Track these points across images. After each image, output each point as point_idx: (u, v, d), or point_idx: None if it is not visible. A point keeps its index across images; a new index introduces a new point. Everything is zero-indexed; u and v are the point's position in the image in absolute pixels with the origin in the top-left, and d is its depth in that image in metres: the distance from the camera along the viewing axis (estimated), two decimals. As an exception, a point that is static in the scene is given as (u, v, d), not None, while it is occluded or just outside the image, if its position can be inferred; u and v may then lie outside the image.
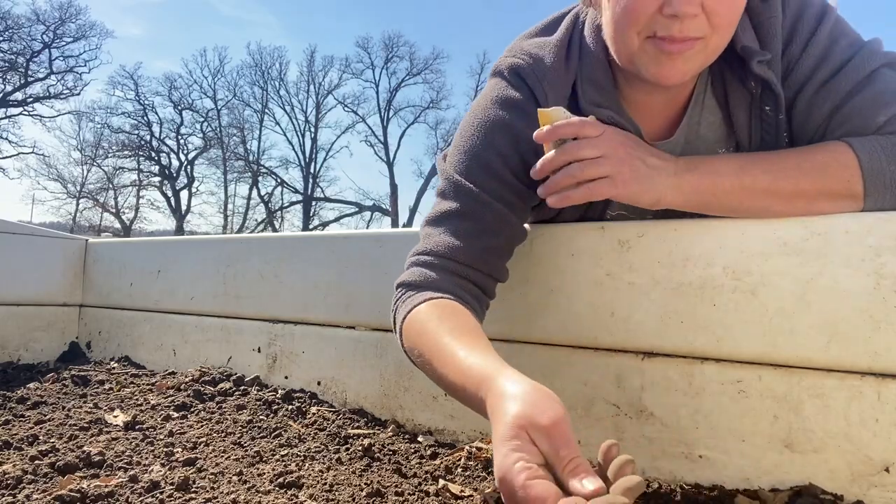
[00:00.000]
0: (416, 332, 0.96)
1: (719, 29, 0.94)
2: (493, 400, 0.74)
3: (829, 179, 0.95)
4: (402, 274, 1.09)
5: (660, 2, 0.91)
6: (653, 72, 0.98)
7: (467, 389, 0.81)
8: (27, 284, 2.19)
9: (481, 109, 1.12)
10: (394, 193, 32.04)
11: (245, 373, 1.74)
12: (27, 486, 0.95)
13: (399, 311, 1.04)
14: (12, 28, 26.18)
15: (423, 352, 0.93)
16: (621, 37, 0.98)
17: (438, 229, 1.07)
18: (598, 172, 0.97)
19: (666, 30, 0.92)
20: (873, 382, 0.91)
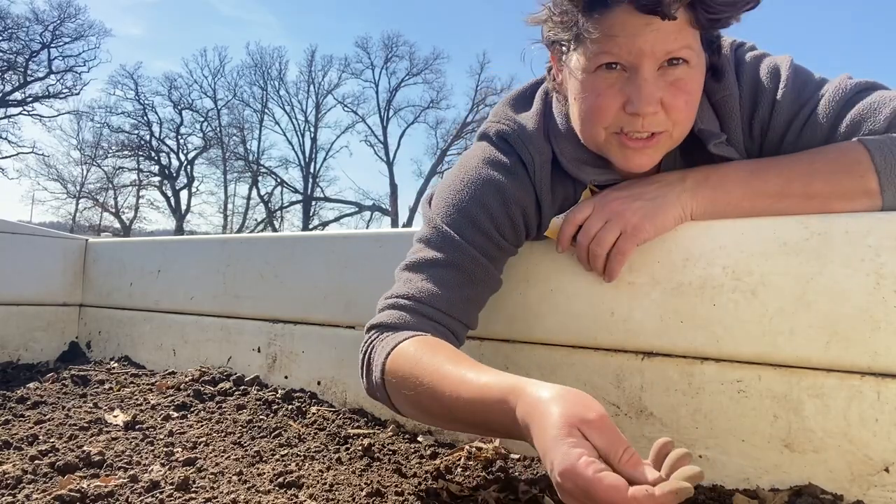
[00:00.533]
0: (409, 365, 0.94)
1: (679, 122, 1.00)
2: (528, 405, 0.74)
3: (842, 178, 0.95)
4: (374, 317, 1.09)
5: (622, 101, 0.97)
6: (621, 163, 1.04)
7: (488, 403, 0.80)
8: (27, 284, 2.19)
9: (472, 168, 1.14)
10: (393, 193, 32.06)
11: (245, 373, 1.74)
12: (27, 486, 0.95)
13: (377, 350, 1.03)
14: (11, 28, 26.16)
15: (421, 381, 0.91)
16: (589, 131, 1.04)
17: (419, 276, 1.08)
18: (612, 237, 1.04)
19: (631, 126, 0.99)
20: (873, 382, 0.91)
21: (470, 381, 0.84)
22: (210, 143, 31.91)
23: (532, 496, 0.97)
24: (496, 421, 0.80)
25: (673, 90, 0.95)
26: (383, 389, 1.01)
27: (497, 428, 0.83)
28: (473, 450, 1.18)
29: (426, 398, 0.91)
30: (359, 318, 1.54)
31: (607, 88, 0.97)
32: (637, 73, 0.94)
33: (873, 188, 0.93)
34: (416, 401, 0.94)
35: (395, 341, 0.99)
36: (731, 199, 1.01)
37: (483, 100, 31.90)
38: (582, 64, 0.98)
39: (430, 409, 0.93)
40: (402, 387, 0.95)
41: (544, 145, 1.12)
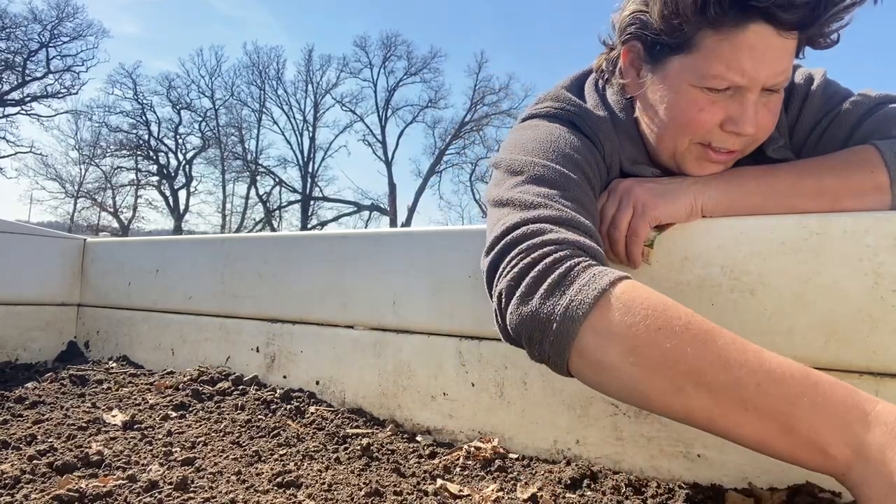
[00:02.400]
0: (659, 313, 0.71)
1: (760, 140, 1.01)
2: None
3: (853, 174, 0.96)
4: (532, 217, 0.86)
5: (722, 118, 0.96)
6: (694, 171, 1.04)
7: (815, 404, 0.63)
8: (25, 284, 2.19)
9: (551, 126, 1.07)
10: (392, 193, 32.03)
11: (243, 372, 1.73)
12: (25, 486, 0.95)
13: (583, 275, 0.76)
14: (9, 27, 26.12)
15: (693, 335, 0.68)
16: (672, 139, 1.02)
17: (557, 204, 0.90)
18: (626, 216, 1.01)
19: (721, 142, 0.99)
20: (871, 381, 0.91)
21: (780, 360, 0.66)
22: (208, 143, 31.91)
23: (532, 495, 0.97)
24: (811, 427, 0.63)
25: (765, 111, 0.97)
26: (579, 322, 0.74)
27: (795, 438, 0.63)
28: (472, 449, 1.18)
29: (693, 370, 0.67)
30: (357, 318, 1.54)
31: (710, 105, 0.96)
32: (745, 95, 0.94)
33: (884, 183, 0.95)
34: (677, 357, 0.68)
35: (612, 277, 0.76)
36: (742, 192, 1.01)
37: (481, 99, 31.93)
38: (686, 76, 0.95)
39: (698, 373, 0.67)
40: (652, 329, 0.70)
41: (614, 137, 1.09)
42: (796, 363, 0.66)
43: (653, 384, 0.70)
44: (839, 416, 0.62)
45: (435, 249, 1.41)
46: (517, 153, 1.02)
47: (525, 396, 1.24)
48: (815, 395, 0.63)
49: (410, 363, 1.43)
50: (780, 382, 0.64)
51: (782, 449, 0.65)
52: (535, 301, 0.78)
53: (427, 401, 1.39)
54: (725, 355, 0.66)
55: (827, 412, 0.62)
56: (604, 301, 0.73)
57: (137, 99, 30.78)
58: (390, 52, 32.47)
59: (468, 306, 1.34)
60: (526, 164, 0.97)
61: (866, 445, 0.60)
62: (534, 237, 0.82)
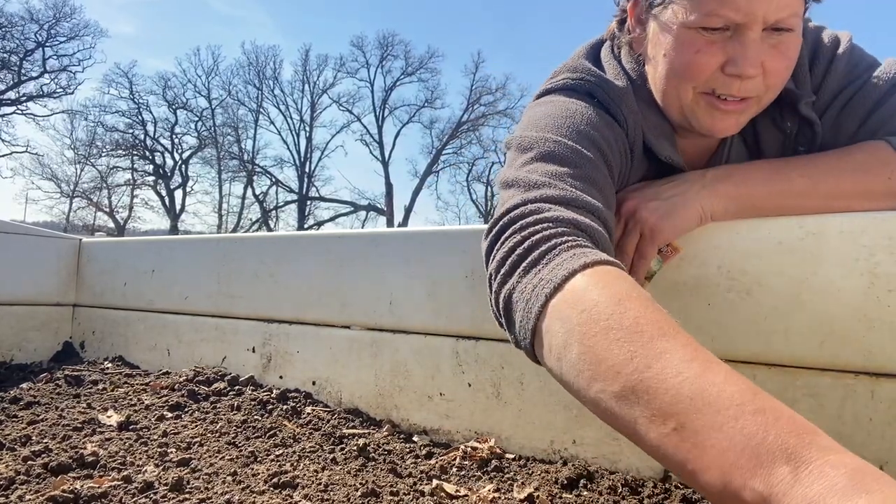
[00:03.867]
0: (609, 306, 0.63)
1: (774, 87, 0.96)
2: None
3: (868, 178, 0.94)
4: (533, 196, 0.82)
5: (722, 60, 0.92)
6: (707, 125, 0.99)
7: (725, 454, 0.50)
8: (20, 284, 2.18)
9: (569, 101, 1.02)
10: (389, 193, 32.03)
11: (240, 372, 1.73)
12: (20, 487, 0.95)
13: (562, 255, 0.72)
14: (6, 27, 26.05)
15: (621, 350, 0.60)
16: (675, 89, 0.98)
17: (562, 183, 0.86)
18: (633, 241, 0.99)
19: (725, 88, 0.94)
20: (867, 382, 0.91)
21: (725, 380, 0.55)
22: (205, 143, 31.87)
23: (528, 495, 0.97)
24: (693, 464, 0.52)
25: (775, 54, 0.92)
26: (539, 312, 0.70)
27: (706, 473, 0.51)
28: (469, 449, 1.17)
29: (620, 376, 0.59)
30: (354, 318, 1.54)
31: (708, 46, 0.92)
32: (744, 33, 0.89)
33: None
34: (606, 357, 0.61)
35: (595, 258, 0.70)
36: (753, 198, 0.98)
37: (478, 99, 31.97)
38: (681, 18, 0.92)
39: (627, 377, 0.58)
40: (594, 322, 0.63)
41: (636, 108, 1.03)
42: (745, 382, 0.55)
43: (588, 377, 0.62)
44: (767, 455, 0.47)
45: (432, 249, 1.41)
46: (529, 130, 0.98)
47: (522, 396, 1.24)
48: (750, 425, 0.50)
49: (407, 363, 1.43)
50: (712, 402, 0.52)
51: (700, 480, 0.52)
52: (513, 280, 0.75)
53: (424, 401, 1.39)
54: (666, 359, 0.57)
55: (754, 447, 0.48)
56: (568, 284, 0.68)
57: (133, 98, 30.77)
58: (387, 52, 32.51)
59: (465, 306, 1.33)
60: (536, 141, 0.93)
61: (789, 497, 0.45)
62: (530, 216, 0.79)
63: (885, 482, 0.43)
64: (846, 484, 0.42)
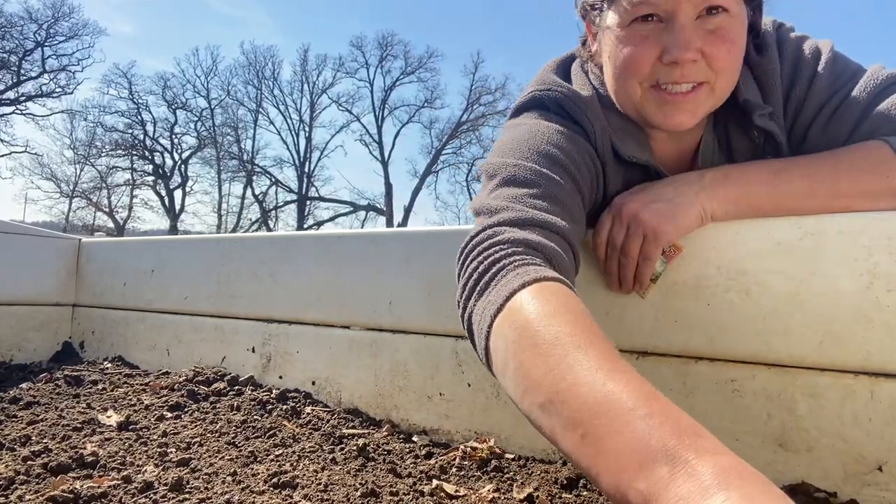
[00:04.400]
0: (536, 324, 0.66)
1: (722, 72, 0.96)
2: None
3: (867, 177, 0.94)
4: (491, 221, 0.86)
5: (659, 50, 0.94)
6: (660, 119, 1.00)
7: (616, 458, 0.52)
8: (20, 284, 2.18)
9: (533, 124, 1.06)
10: (388, 193, 32.02)
11: (239, 373, 1.73)
12: (20, 487, 0.95)
13: (507, 276, 0.75)
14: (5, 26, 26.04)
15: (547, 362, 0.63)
16: (623, 88, 1.00)
17: (522, 205, 0.89)
18: (637, 244, 1.00)
19: (668, 76, 0.95)
20: (866, 381, 0.92)
21: (625, 387, 0.56)
22: (204, 143, 31.87)
23: (528, 495, 0.97)
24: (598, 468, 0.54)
25: (713, 38, 0.92)
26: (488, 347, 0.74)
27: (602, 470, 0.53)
28: (468, 449, 1.18)
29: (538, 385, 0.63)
30: (353, 318, 1.54)
31: (642, 40, 0.94)
32: (674, 20, 0.92)
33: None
34: (529, 373, 0.65)
35: (533, 276, 0.72)
36: (753, 199, 0.98)
37: (477, 99, 31.96)
38: (616, 20, 0.96)
39: (545, 392, 0.62)
40: (524, 339, 0.67)
41: (601, 114, 1.06)
42: (645, 387, 0.56)
43: (521, 394, 0.65)
44: (649, 458, 0.49)
45: (431, 249, 1.41)
46: (496, 156, 1.02)
47: (521, 396, 1.24)
48: (640, 429, 0.51)
49: (407, 363, 1.43)
50: (609, 409, 0.54)
51: (603, 484, 0.53)
52: (472, 303, 0.79)
53: (423, 401, 1.39)
54: (576, 370, 0.59)
55: (640, 450, 0.50)
56: (509, 303, 0.71)
57: (133, 98, 30.76)
58: (387, 52, 32.50)
59: (464, 306, 1.33)
60: (500, 167, 0.98)
61: (662, 498, 0.46)
62: (487, 240, 0.83)
63: (750, 480, 0.45)
64: (711, 482, 0.45)
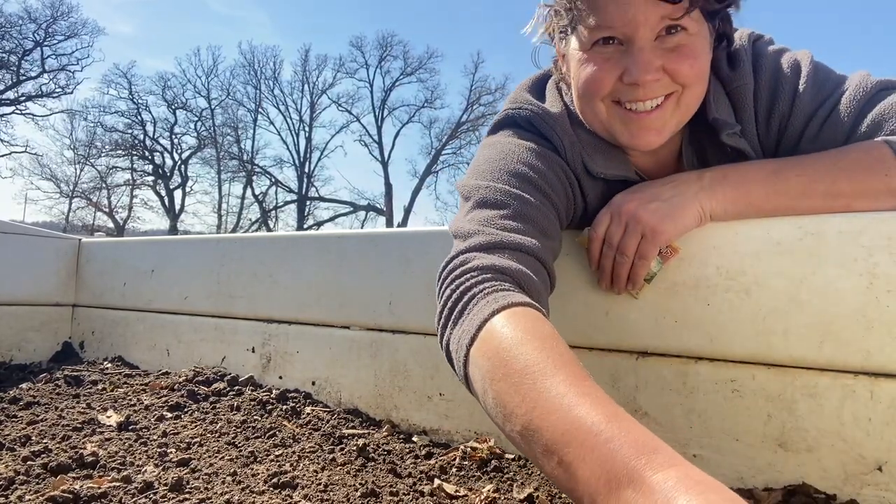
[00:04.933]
0: (505, 353, 0.69)
1: (689, 83, 0.96)
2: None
3: (866, 177, 0.93)
4: (464, 257, 0.88)
5: (620, 70, 0.95)
6: (626, 139, 1.01)
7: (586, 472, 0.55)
8: (20, 284, 2.18)
9: (506, 143, 1.09)
10: (388, 193, 32.03)
11: (239, 373, 1.73)
12: (19, 487, 0.95)
13: (478, 304, 0.78)
14: (4, 26, 26.04)
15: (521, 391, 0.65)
16: (588, 107, 1.02)
17: (494, 228, 0.92)
18: (634, 243, 1.00)
19: (629, 95, 0.96)
20: (866, 381, 0.92)
21: (591, 410, 0.58)
22: (204, 143, 31.87)
23: (528, 495, 0.97)
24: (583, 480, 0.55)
25: (674, 55, 0.94)
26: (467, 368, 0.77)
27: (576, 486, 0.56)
28: (468, 449, 1.18)
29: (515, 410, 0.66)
30: (353, 318, 1.54)
31: (603, 62, 0.96)
32: (632, 43, 0.93)
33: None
34: (505, 401, 0.67)
35: (502, 303, 0.75)
36: (751, 198, 0.98)
37: (477, 99, 31.97)
38: (578, 44, 0.99)
39: (518, 418, 0.64)
40: (497, 367, 0.70)
41: (570, 129, 1.08)
42: (608, 406, 0.58)
43: (500, 422, 0.68)
44: (615, 482, 0.52)
45: (431, 250, 1.41)
46: (470, 177, 1.05)
47: (521, 397, 1.24)
48: (604, 452, 0.54)
49: (406, 363, 1.43)
50: (576, 436, 0.56)
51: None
52: (448, 331, 0.82)
53: (423, 401, 1.39)
54: (545, 398, 0.61)
55: (606, 475, 0.52)
56: (481, 333, 0.74)
57: (133, 98, 30.76)
58: (386, 52, 32.50)
59: (464, 306, 1.33)
60: (474, 189, 1.00)
61: None
62: (459, 267, 0.85)
63: (705, 485, 0.48)
64: (672, 494, 0.48)
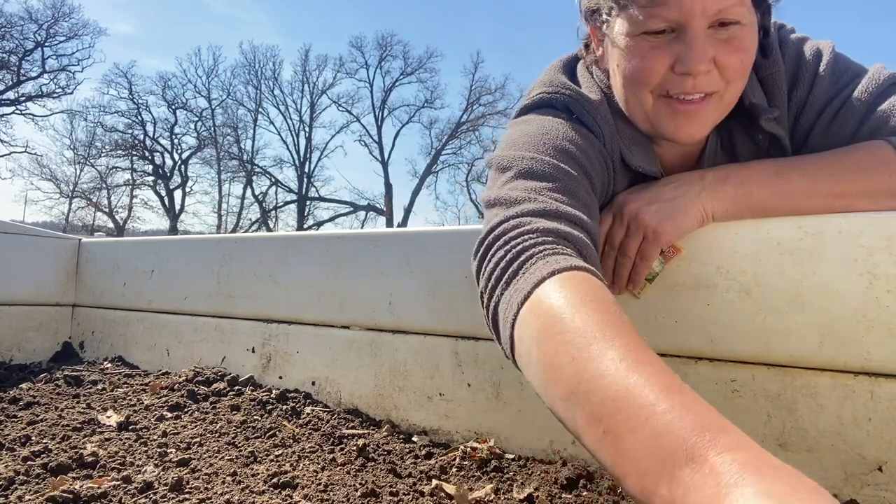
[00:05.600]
0: (563, 311, 0.65)
1: (732, 81, 0.95)
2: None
3: (869, 177, 0.93)
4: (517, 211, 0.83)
5: (671, 60, 0.92)
6: (671, 131, 0.98)
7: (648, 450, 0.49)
8: (20, 284, 2.18)
9: (544, 120, 1.04)
10: (388, 193, 32.02)
11: (239, 373, 1.73)
12: (19, 487, 0.95)
13: (537, 264, 0.73)
14: (5, 26, 26.04)
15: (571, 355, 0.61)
16: (634, 97, 0.99)
17: (542, 197, 0.87)
18: (636, 244, 0.99)
19: (679, 87, 0.94)
20: (866, 382, 0.92)
21: (650, 379, 0.54)
22: (204, 143, 31.87)
23: (528, 495, 0.97)
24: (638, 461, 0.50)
25: (727, 48, 0.91)
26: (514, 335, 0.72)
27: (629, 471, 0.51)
28: (468, 449, 1.18)
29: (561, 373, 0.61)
30: (353, 318, 1.54)
31: (653, 50, 0.93)
32: (686, 31, 0.90)
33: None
34: (556, 362, 0.62)
35: (565, 264, 0.71)
36: (754, 198, 0.98)
37: (477, 99, 31.98)
38: (625, 29, 0.94)
39: (569, 382, 0.59)
40: (550, 326, 0.65)
41: (611, 118, 1.04)
42: (665, 376, 0.54)
43: (544, 384, 0.64)
44: (671, 459, 0.47)
45: (431, 250, 1.41)
46: (508, 149, 0.99)
47: (521, 397, 1.24)
48: (660, 425, 0.49)
49: (406, 363, 1.43)
50: (629, 405, 0.52)
51: (626, 486, 0.51)
52: (498, 292, 0.76)
53: (423, 401, 1.39)
54: (598, 362, 0.57)
55: (660, 450, 0.48)
56: (535, 292, 0.69)
57: (133, 99, 30.77)
58: (386, 53, 32.52)
59: (464, 307, 1.34)
60: (515, 159, 0.95)
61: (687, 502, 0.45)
62: (513, 230, 0.80)
63: (772, 474, 0.43)
64: (732, 481, 0.43)
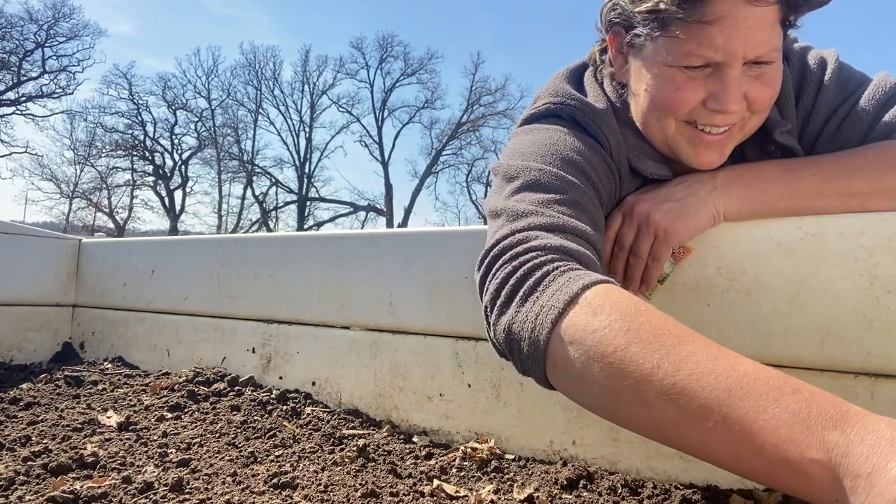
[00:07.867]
0: (628, 317, 0.66)
1: (758, 113, 0.96)
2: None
3: (881, 176, 0.93)
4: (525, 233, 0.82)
5: (703, 96, 0.92)
6: (690, 158, 0.99)
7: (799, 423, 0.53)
8: (20, 284, 2.18)
9: (552, 129, 1.04)
10: (388, 193, 32.04)
11: (239, 373, 1.73)
12: (20, 488, 0.95)
13: (557, 281, 0.73)
14: (5, 27, 26.05)
15: (657, 353, 0.62)
16: (657, 122, 0.98)
17: (550, 210, 0.87)
18: (647, 245, 0.99)
19: (707, 119, 0.94)
20: (866, 382, 0.92)
21: (756, 367, 0.59)
22: (204, 143, 31.89)
23: (528, 496, 0.97)
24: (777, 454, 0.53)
25: (758, 84, 0.92)
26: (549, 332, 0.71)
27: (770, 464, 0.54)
28: (468, 450, 1.18)
29: (659, 381, 0.61)
30: (353, 319, 1.54)
31: (689, 82, 0.92)
32: (725, 71, 0.90)
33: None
34: (641, 362, 0.63)
35: (593, 279, 0.72)
36: (767, 197, 0.97)
37: (478, 100, 32.00)
38: (662, 57, 0.92)
39: (662, 380, 0.61)
40: (618, 333, 0.65)
41: (616, 128, 1.04)
42: (774, 370, 0.58)
43: (617, 393, 0.64)
44: (816, 426, 0.52)
45: (431, 250, 1.41)
46: (515, 158, 0.99)
47: (521, 397, 1.24)
48: (792, 403, 0.54)
49: (407, 364, 1.43)
50: (750, 390, 0.56)
51: (757, 466, 0.55)
52: (512, 310, 0.76)
53: (423, 401, 1.39)
54: (694, 360, 0.60)
55: (802, 422, 0.53)
56: (574, 306, 0.70)
57: (133, 99, 30.79)
58: (387, 53, 32.54)
59: (464, 307, 1.34)
60: (522, 170, 0.95)
61: (850, 457, 0.49)
62: (519, 245, 0.80)
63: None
64: (892, 434, 0.49)
